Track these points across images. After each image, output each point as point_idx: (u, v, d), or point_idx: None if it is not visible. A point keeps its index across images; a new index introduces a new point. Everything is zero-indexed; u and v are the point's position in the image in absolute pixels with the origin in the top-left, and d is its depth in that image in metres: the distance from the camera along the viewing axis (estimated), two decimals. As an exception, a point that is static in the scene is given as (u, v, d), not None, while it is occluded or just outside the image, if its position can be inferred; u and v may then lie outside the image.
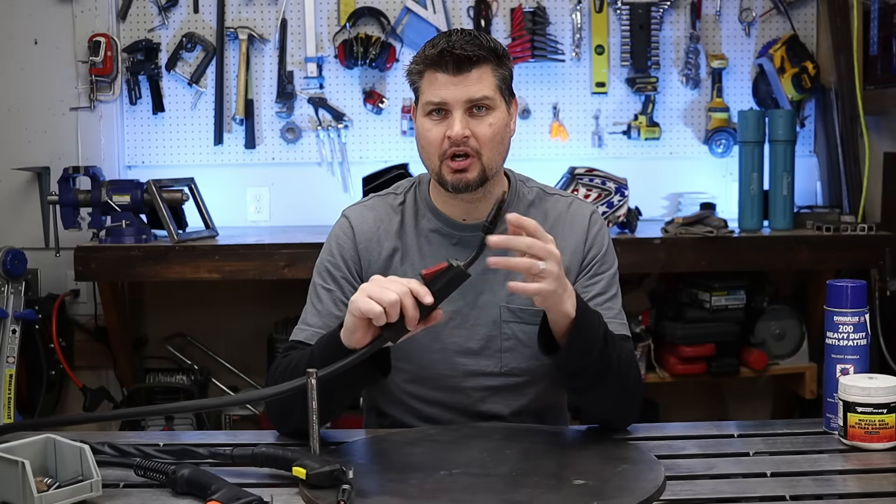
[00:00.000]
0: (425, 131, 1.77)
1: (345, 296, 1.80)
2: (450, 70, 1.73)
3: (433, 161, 1.78)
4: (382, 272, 1.79)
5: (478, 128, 1.75)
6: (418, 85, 1.79)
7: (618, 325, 1.81)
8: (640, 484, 1.46)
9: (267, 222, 3.48)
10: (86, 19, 3.34)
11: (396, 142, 3.46)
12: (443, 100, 1.74)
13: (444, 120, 1.76)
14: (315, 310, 1.83)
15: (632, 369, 1.74)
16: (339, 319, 1.69)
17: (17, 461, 1.37)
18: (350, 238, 1.85)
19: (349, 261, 1.84)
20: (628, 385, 1.72)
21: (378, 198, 1.91)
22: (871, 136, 3.29)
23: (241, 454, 1.55)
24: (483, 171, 1.77)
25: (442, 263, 1.55)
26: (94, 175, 3.12)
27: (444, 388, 1.84)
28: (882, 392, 1.62)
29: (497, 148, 1.78)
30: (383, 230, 1.85)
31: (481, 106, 1.75)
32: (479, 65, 1.74)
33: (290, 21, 3.41)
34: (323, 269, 1.85)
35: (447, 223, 1.84)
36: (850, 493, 1.47)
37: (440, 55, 1.74)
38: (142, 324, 3.49)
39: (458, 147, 1.74)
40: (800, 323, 3.34)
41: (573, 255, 1.85)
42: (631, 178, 3.14)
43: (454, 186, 1.77)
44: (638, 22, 3.41)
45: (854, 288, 1.72)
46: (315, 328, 1.80)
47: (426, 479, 1.49)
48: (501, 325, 1.83)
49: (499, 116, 1.77)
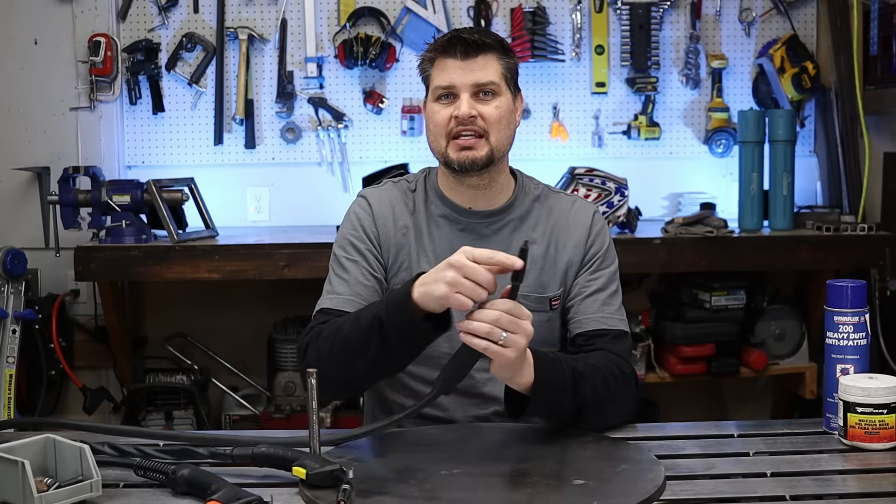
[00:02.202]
0: (433, 114, 1.85)
1: (370, 266, 1.86)
2: (458, 55, 1.82)
3: (440, 143, 1.84)
4: (395, 251, 1.88)
5: (484, 109, 1.82)
6: (429, 73, 1.87)
7: (617, 320, 1.86)
8: (640, 484, 1.46)
9: (267, 222, 3.48)
10: (86, 19, 3.34)
11: (396, 142, 3.46)
12: (451, 83, 1.82)
13: (451, 103, 1.83)
14: (342, 279, 1.85)
15: (620, 387, 1.75)
16: (366, 289, 1.82)
17: (17, 461, 1.37)
18: (369, 214, 1.90)
19: (370, 234, 1.89)
20: (615, 407, 1.75)
21: (392, 183, 1.97)
22: (871, 136, 3.29)
23: (241, 454, 1.55)
24: (491, 153, 1.83)
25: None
26: (94, 175, 3.12)
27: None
28: (882, 392, 1.62)
29: (504, 131, 1.85)
30: (398, 210, 1.91)
31: (487, 91, 1.83)
32: (485, 51, 1.83)
33: (290, 21, 3.41)
34: (346, 243, 1.89)
35: (454, 209, 1.90)
36: (850, 493, 1.47)
37: (449, 42, 1.84)
38: (142, 324, 3.49)
39: (465, 126, 1.81)
40: (800, 323, 3.34)
41: (575, 251, 1.90)
42: (631, 178, 3.14)
43: (460, 164, 1.82)
44: (638, 22, 3.41)
45: (854, 288, 1.72)
46: (346, 296, 1.83)
47: (426, 479, 1.50)
48: None
49: (504, 102, 1.85)
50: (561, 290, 1.90)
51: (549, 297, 1.89)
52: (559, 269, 1.90)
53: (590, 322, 1.85)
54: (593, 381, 1.69)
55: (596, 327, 1.85)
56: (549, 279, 1.89)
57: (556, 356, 1.70)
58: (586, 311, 1.87)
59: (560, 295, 1.90)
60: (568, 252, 1.90)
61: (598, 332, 1.84)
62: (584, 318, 1.86)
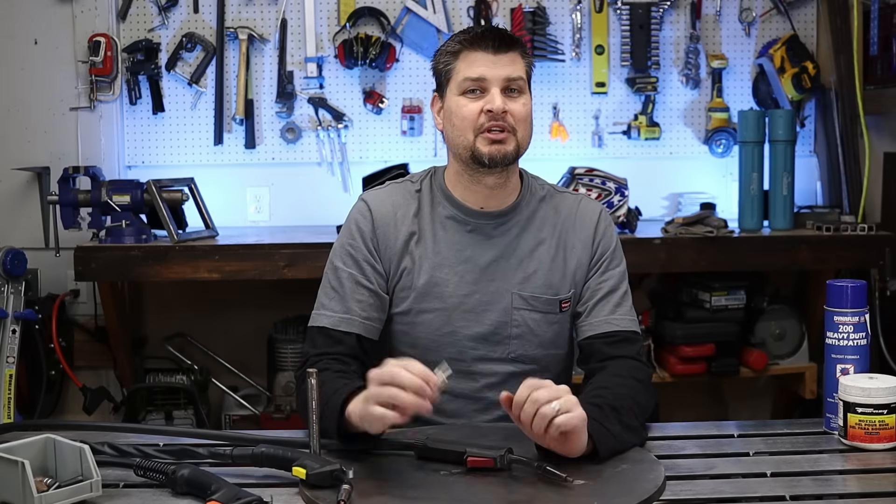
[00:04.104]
0: (460, 108, 1.82)
1: (366, 279, 1.84)
2: (489, 48, 1.81)
3: (467, 136, 1.82)
4: (399, 256, 1.86)
5: (513, 105, 1.82)
6: (452, 66, 1.84)
7: (629, 321, 1.87)
8: (640, 484, 1.46)
9: (267, 222, 3.47)
10: (86, 19, 3.34)
11: (396, 142, 3.46)
12: (482, 75, 1.81)
13: (480, 97, 1.81)
14: (337, 294, 1.84)
15: (645, 397, 1.75)
16: (360, 304, 1.81)
17: (17, 461, 1.37)
18: (369, 221, 1.88)
19: (369, 242, 1.86)
20: (648, 411, 1.76)
21: (395, 184, 1.94)
22: (871, 136, 3.29)
23: (241, 454, 1.55)
24: (517, 149, 1.84)
25: (489, 461, 1.52)
26: (94, 175, 3.12)
27: (453, 374, 1.85)
28: (882, 392, 1.62)
29: (528, 129, 1.86)
30: (401, 214, 1.88)
31: (514, 88, 1.83)
32: (514, 48, 1.83)
33: (290, 21, 3.41)
34: (344, 253, 1.87)
35: (463, 210, 1.88)
36: (850, 493, 1.47)
37: (482, 34, 1.82)
38: (142, 324, 3.49)
39: (497, 121, 1.80)
40: (800, 323, 3.34)
41: (583, 250, 1.90)
42: (631, 178, 3.14)
43: (491, 158, 1.81)
44: (638, 22, 3.41)
45: (854, 288, 1.72)
46: (339, 314, 1.82)
47: (426, 478, 1.50)
48: (512, 311, 1.87)
49: (528, 100, 1.86)
50: (572, 293, 1.89)
51: (559, 300, 1.88)
52: (569, 269, 1.89)
53: (602, 325, 1.85)
54: (630, 407, 1.67)
55: (608, 330, 1.85)
56: (560, 281, 1.89)
57: (590, 410, 1.59)
58: (599, 313, 1.86)
59: (570, 297, 1.89)
60: (577, 252, 1.89)
61: (610, 334, 1.84)
62: (596, 320, 1.86)
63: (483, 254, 1.87)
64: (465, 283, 1.86)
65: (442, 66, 1.86)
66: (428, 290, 1.86)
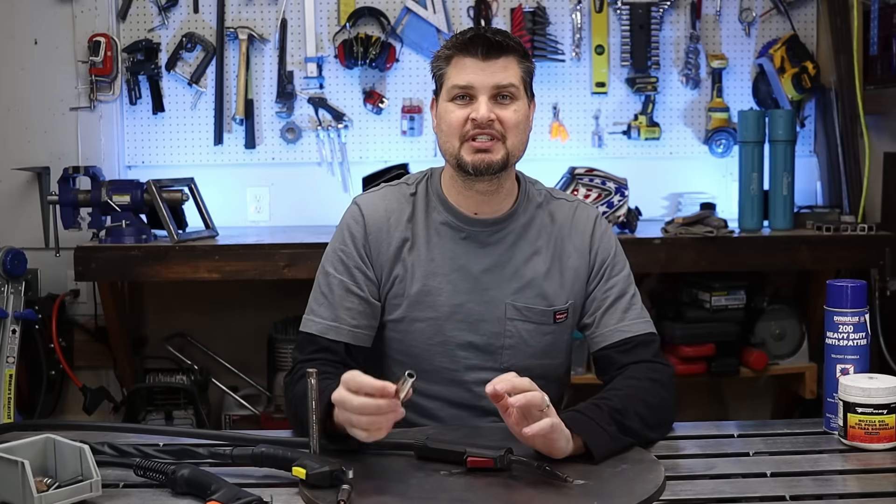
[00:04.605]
0: (447, 114, 1.78)
1: (356, 286, 1.82)
2: (479, 55, 1.76)
3: (453, 144, 1.78)
4: (391, 263, 1.83)
5: (503, 112, 1.77)
6: (444, 71, 1.80)
7: (643, 323, 1.84)
8: (640, 484, 1.46)
9: (267, 222, 3.47)
10: (86, 19, 3.34)
11: (396, 142, 3.46)
12: (469, 83, 1.76)
13: (468, 104, 1.77)
14: (326, 300, 1.82)
15: (659, 397, 1.71)
16: (349, 312, 1.79)
17: (17, 461, 1.37)
18: (361, 226, 1.85)
19: (360, 248, 1.84)
20: (664, 414, 1.73)
21: (389, 188, 1.91)
22: (871, 136, 3.29)
23: (241, 454, 1.55)
24: (507, 157, 1.78)
25: (488, 461, 1.52)
26: (94, 175, 3.12)
27: (445, 382, 1.85)
28: (882, 392, 1.62)
29: (521, 136, 1.80)
30: (394, 220, 1.86)
31: (506, 94, 1.77)
32: (506, 53, 1.77)
33: (290, 21, 3.41)
34: (335, 258, 1.85)
35: (458, 217, 1.85)
36: (850, 493, 1.47)
37: (471, 40, 1.77)
38: (142, 324, 3.49)
39: (483, 129, 1.75)
40: (800, 323, 3.34)
41: (579, 259, 1.87)
42: (631, 178, 3.14)
43: (475, 167, 1.77)
44: (638, 22, 3.41)
45: (854, 288, 1.72)
46: (329, 322, 1.81)
47: (426, 478, 1.50)
48: (506, 322, 1.85)
49: (522, 106, 1.80)
50: (569, 304, 1.87)
51: (553, 311, 1.85)
52: (566, 280, 1.86)
53: (613, 334, 1.82)
54: (635, 409, 1.65)
55: (620, 338, 1.82)
56: (555, 292, 1.86)
57: (589, 409, 1.62)
58: (608, 323, 1.83)
59: (567, 308, 1.86)
60: (573, 261, 1.86)
61: (623, 342, 1.81)
62: (607, 331, 1.83)
63: (477, 262, 1.84)
64: (458, 293, 1.83)
65: (436, 71, 1.83)
66: (421, 298, 1.84)
